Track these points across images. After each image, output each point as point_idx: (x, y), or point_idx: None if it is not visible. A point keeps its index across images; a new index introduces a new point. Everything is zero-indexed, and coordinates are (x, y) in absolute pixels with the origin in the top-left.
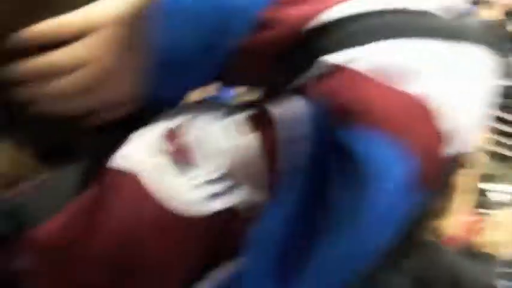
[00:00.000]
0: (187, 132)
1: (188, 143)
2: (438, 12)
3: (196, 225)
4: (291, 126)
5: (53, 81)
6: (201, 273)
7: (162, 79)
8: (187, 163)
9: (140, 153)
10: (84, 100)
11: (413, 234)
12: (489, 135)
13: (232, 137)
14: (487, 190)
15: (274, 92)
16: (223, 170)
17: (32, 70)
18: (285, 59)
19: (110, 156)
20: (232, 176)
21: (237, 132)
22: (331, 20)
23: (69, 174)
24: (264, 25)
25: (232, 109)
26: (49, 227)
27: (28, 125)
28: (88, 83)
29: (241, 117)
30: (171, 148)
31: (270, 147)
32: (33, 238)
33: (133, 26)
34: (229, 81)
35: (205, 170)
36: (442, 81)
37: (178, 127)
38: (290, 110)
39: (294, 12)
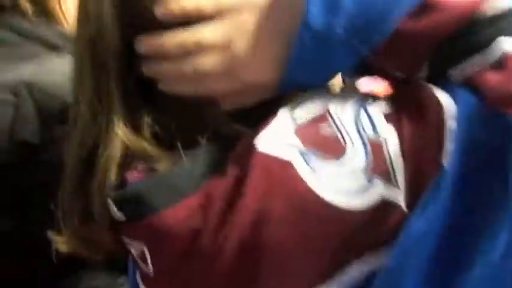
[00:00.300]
0: (331, 122)
1: (332, 133)
2: None
3: (345, 217)
4: (455, 115)
5: (193, 59)
6: (340, 265)
7: (308, 63)
8: (332, 154)
9: (286, 140)
10: (224, 82)
11: None
12: None
13: (374, 130)
14: None
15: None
16: (366, 163)
17: (172, 45)
18: (448, 45)
19: (245, 141)
20: (373, 171)
21: (379, 125)
22: (505, 7)
23: (198, 159)
24: (427, 8)
25: (370, 99)
26: (174, 214)
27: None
28: (229, 64)
29: (381, 108)
30: (315, 137)
31: (408, 145)
32: (155, 223)
33: (282, 9)
34: (371, 70)
35: (350, 161)
36: None
37: (320, 116)
38: (456, 99)
39: None
